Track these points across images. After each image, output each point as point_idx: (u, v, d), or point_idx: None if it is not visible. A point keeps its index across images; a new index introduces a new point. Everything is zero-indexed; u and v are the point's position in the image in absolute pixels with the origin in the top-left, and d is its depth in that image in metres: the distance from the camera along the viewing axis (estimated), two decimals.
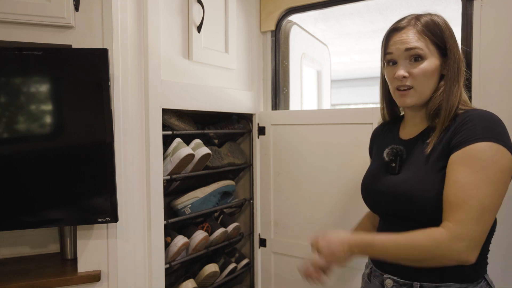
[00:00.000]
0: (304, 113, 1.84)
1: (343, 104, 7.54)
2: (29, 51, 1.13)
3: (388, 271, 0.99)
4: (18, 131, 1.13)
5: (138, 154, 1.31)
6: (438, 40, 0.94)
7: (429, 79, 0.94)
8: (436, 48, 0.94)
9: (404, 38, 0.95)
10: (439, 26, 0.95)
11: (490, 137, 0.84)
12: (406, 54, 0.95)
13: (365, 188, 1.08)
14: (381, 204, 1.02)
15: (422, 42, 0.93)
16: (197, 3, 1.51)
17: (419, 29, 0.94)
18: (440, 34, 0.94)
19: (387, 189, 0.98)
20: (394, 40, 0.97)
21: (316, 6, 1.73)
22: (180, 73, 1.48)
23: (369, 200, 1.07)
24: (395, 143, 1.03)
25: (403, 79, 0.95)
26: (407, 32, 0.95)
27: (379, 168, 1.04)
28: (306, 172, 1.74)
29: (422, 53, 0.93)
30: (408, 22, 0.96)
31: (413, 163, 0.95)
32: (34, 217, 1.16)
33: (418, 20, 0.96)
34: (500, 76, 1.33)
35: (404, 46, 0.94)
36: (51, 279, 1.17)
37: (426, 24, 0.95)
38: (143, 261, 1.33)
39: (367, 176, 1.09)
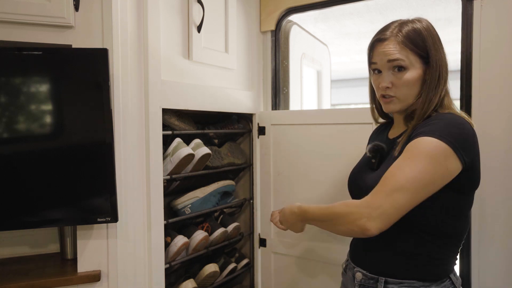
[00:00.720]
0: (304, 113, 1.84)
1: (343, 104, 7.54)
2: (29, 51, 1.13)
3: (358, 264, 1.05)
4: (18, 131, 1.13)
5: (138, 154, 1.31)
6: (420, 49, 0.97)
7: (411, 88, 0.98)
8: (418, 58, 0.97)
9: (387, 50, 0.98)
10: (421, 36, 0.97)
11: (437, 135, 0.88)
12: (389, 65, 0.98)
13: (349, 182, 1.14)
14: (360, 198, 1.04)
15: (404, 53, 0.96)
16: (197, 3, 1.51)
17: (400, 41, 0.97)
18: (422, 43, 0.97)
19: (364, 184, 1.03)
20: (378, 51, 1.00)
21: (316, 6, 1.73)
22: (180, 73, 1.48)
23: (351, 193, 1.13)
24: (383, 141, 1.08)
25: (387, 89, 1.00)
26: (389, 43, 0.98)
27: (363, 163, 1.11)
28: (306, 172, 1.74)
29: (404, 64, 0.96)
30: (391, 33, 0.99)
31: (387, 160, 1.00)
32: (34, 217, 1.16)
33: (400, 31, 0.98)
34: (500, 76, 1.33)
35: (387, 58, 0.98)
36: (51, 279, 1.17)
37: (408, 35, 0.97)
38: (143, 261, 1.33)
39: (353, 170, 1.15)
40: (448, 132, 0.89)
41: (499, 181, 1.33)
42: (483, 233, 1.37)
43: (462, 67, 1.41)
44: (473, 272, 1.39)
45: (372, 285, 0.99)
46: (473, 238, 1.39)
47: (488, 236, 1.36)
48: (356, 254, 1.08)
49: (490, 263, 1.35)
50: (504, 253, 1.34)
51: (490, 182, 1.33)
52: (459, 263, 1.44)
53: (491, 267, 1.35)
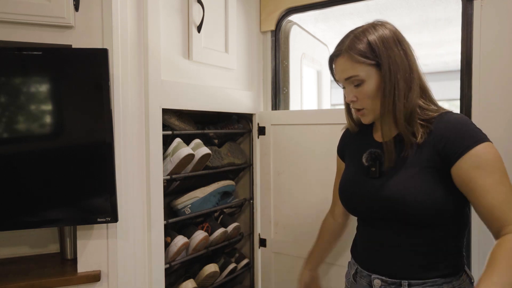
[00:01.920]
0: (304, 113, 1.84)
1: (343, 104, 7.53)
2: (29, 51, 1.13)
3: (376, 271, 1.02)
4: (18, 131, 1.13)
5: (138, 154, 1.31)
6: (371, 59, 0.96)
7: (374, 98, 0.98)
8: (372, 67, 0.97)
9: (341, 68, 1.00)
10: (370, 46, 0.96)
11: (480, 139, 0.90)
12: (347, 82, 1.00)
13: (346, 193, 1.09)
14: (365, 207, 1.03)
15: (357, 67, 0.97)
16: (197, 3, 1.51)
17: (351, 56, 0.97)
18: (372, 54, 0.96)
19: (371, 193, 1.00)
20: (335, 69, 1.03)
21: (316, 6, 1.73)
22: (180, 73, 1.48)
23: (351, 205, 1.09)
24: (371, 146, 1.05)
25: (353, 103, 1.02)
26: (342, 59, 0.99)
27: (357, 172, 1.07)
28: (306, 172, 1.74)
29: (360, 78, 0.97)
30: (340, 49, 1.00)
31: (394, 166, 0.98)
32: (34, 217, 1.16)
33: (350, 46, 0.98)
34: (501, 76, 1.33)
35: (343, 76, 1.00)
36: (51, 279, 1.17)
37: (358, 48, 0.97)
38: (143, 261, 1.33)
39: (346, 180, 1.11)
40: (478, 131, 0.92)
41: None
42: (483, 233, 1.37)
43: (462, 67, 1.41)
44: (473, 272, 1.39)
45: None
46: (473, 238, 1.39)
47: (489, 236, 1.36)
48: (370, 260, 1.04)
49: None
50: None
51: None
52: None
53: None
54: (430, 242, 0.96)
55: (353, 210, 1.10)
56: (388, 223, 0.99)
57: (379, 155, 1.01)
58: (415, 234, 0.96)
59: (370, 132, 1.11)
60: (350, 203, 1.09)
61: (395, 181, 0.96)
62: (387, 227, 0.99)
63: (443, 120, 0.95)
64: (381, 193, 0.97)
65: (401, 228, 0.97)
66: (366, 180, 1.02)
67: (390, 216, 0.97)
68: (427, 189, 0.92)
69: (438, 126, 0.94)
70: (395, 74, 0.95)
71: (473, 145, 0.89)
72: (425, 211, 0.92)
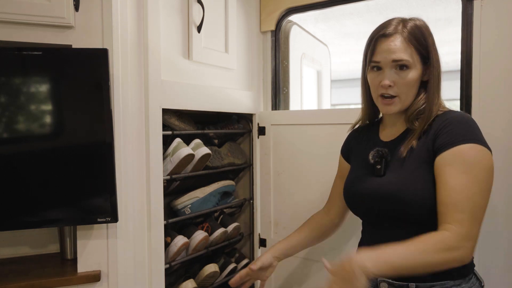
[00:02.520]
0: (303, 113, 1.84)
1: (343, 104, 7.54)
2: (29, 51, 1.13)
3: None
4: (18, 131, 1.13)
5: (138, 154, 1.31)
6: (423, 48, 0.97)
7: (412, 88, 0.98)
8: (419, 57, 0.97)
9: (392, 47, 0.96)
10: (423, 34, 0.97)
11: (471, 139, 0.89)
12: (393, 64, 0.96)
13: (349, 192, 1.09)
14: (366, 206, 1.03)
15: (408, 52, 0.95)
16: (197, 3, 1.51)
17: (406, 37, 0.95)
18: (425, 42, 0.97)
19: (373, 190, 1.00)
20: (381, 48, 0.97)
21: (316, 6, 1.73)
22: (180, 73, 1.48)
23: (353, 203, 1.09)
24: (377, 145, 1.05)
25: (388, 88, 0.98)
26: (395, 40, 0.96)
27: (362, 171, 1.06)
28: (306, 172, 1.74)
29: (408, 63, 0.96)
30: (395, 29, 0.97)
31: (396, 164, 0.98)
32: (34, 217, 1.16)
33: (405, 27, 0.97)
34: (501, 76, 1.33)
35: (392, 57, 0.96)
36: (51, 279, 1.16)
37: (412, 31, 0.96)
38: (143, 261, 1.33)
39: (350, 179, 1.10)
40: (476, 134, 0.91)
41: (499, 181, 1.33)
42: (483, 233, 1.37)
43: (462, 67, 1.41)
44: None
45: None
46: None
47: (489, 236, 1.36)
48: None
49: (491, 263, 1.35)
50: (505, 252, 1.34)
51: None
52: None
53: (491, 267, 1.35)
54: None
55: (356, 209, 1.09)
56: (392, 222, 0.98)
57: (386, 154, 1.01)
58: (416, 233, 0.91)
59: (376, 132, 1.11)
60: (353, 202, 1.08)
61: (395, 178, 0.96)
62: (392, 227, 0.98)
63: (444, 117, 0.96)
64: (381, 190, 0.97)
65: (406, 227, 0.95)
66: (371, 178, 1.02)
67: (392, 214, 0.97)
68: (426, 185, 0.92)
69: (438, 122, 0.95)
70: (438, 70, 0.97)
71: (458, 143, 0.89)
72: (424, 208, 0.92)
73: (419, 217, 0.94)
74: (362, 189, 1.03)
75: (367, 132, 1.15)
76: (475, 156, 0.88)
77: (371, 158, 1.03)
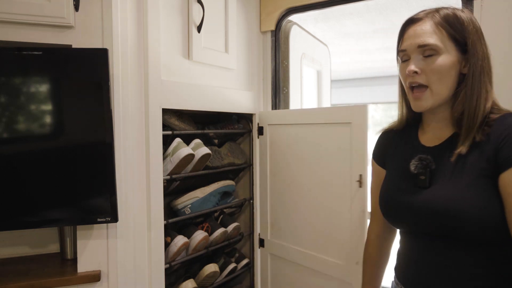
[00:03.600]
0: (294, 113, 1.79)
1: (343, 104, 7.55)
2: (29, 51, 1.13)
3: None
4: (18, 131, 1.13)
5: (138, 154, 1.31)
6: (458, 34, 0.85)
7: (444, 77, 0.85)
8: (454, 43, 0.85)
9: (418, 32, 0.86)
10: (459, 19, 0.85)
11: None
12: (419, 50, 0.86)
13: (389, 203, 0.96)
14: (414, 222, 0.91)
15: (438, 36, 0.85)
16: (197, 3, 1.51)
17: (436, 21, 0.85)
18: (460, 27, 0.85)
19: (421, 205, 0.88)
20: (408, 34, 0.89)
21: (316, 6, 1.73)
22: (180, 73, 1.48)
23: (395, 217, 0.96)
24: (418, 151, 0.94)
25: (415, 75, 0.87)
26: (422, 24, 0.86)
27: (403, 180, 0.94)
28: (298, 173, 1.72)
29: (437, 48, 0.85)
30: (426, 14, 0.88)
31: (446, 175, 0.86)
32: (34, 217, 1.16)
33: (437, 12, 0.87)
34: (500, 76, 1.33)
35: (417, 42, 0.86)
36: (51, 279, 1.17)
37: (446, 16, 0.86)
38: (143, 261, 1.33)
39: (389, 189, 0.98)
40: None
41: None
42: None
43: None
44: None
45: None
46: None
47: None
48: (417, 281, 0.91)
49: None
50: None
51: None
52: None
53: None
54: (489, 262, 0.82)
55: (398, 223, 0.97)
56: (440, 238, 0.87)
57: (430, 163, 0.90)
58: (471, 252, 0.83)
59: (415, 135, 0.98)
60: (394, 215, 0.95)
61: (449, 192, 0.84)
62: (437, 242, 0.87)
63: (505, 122, 0.82)
64: (432, 205, 0.85)
65: (454, 244, 0.84)
66: (414, 189, 0.90)
67: (443, 231, 0.85)
68: (485, 202, 0.80)
69: (498, 129, 0.82)
70: (483, 61, 0.85)
71: None
72: (482, 227, 0.80)
73: (480, 237, 0.82)
74: (407, 201, 0.91)
75: (404, 135, 1.01)
76: None
77: (414, 168, 0.91)
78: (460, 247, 0.84)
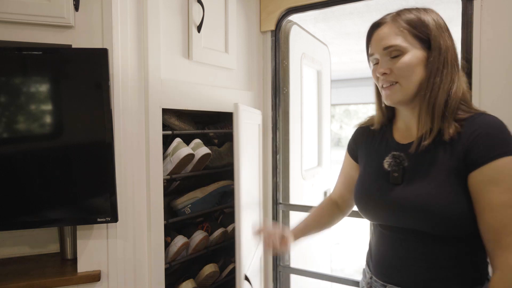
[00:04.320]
0: None
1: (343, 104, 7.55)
2: (29, 51, 1.13)
3: (392, 282, 0.95)
4: (18, 131, 1.13)
5: (138, 154, 1.31)
6: (420, 32, 0.90)
7: (412, 73, 0.90)
8: (417, 41, 0.90)
9: (382, 35, 0.92)
10: (421, 19, 0.91)
11: (508, 151, 0.82)
12: (386, 52, 0.92)
13: (365, 199, 1.00)
14: (387, 217, 0.95)
15: (401, 36, 0.90)
16: (197, 3, 1.51)
17: (397, 23, 0.91)
18: (421, 25, 0.90)
19: (394, 201, 0.92)
20: (374, 39, 0.95)
21: (316, 6, 1.73)
22: (180, 73, 1.48)
23: (369, 212, 1.00)
24: (392, 148, 0.97)
25: (385, 76, 0.93)
26: (386, 27, 0.92)
27: (376, 176, 0.98)
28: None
29: (401, 48, 0.90)
30: (388, 17, 0.93)
31: (418, 172, 0.91)
32: (34, 217, 1.16)
33: (398, 15, 0.92)
34: (500, 76, 1.33)
35: (382, 45, 0.92)
36: (51, 279, 1.17)
37: (406, 16, 0.91)
38: (143, 261, 1.33)
39: (363, 184, 1.02)
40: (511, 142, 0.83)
41: None
42: None
43: (462, 67, 1.41)
44: None
45: None
46: None
47: None
48: (388, 271, 0.96)
49: None
50: None
51: None
52: None
53: None
54: (454, 254, 0.88)
55: (371, 217, 1.01)
56: (410, 232, 0.91)
57: (403, 160, 0.93)
58: (439, 246, 0.88)
59: (390, 132, 1.03)
60: (368, 210, 0.99)
61: (420, 189, 0.88)
62: (409, 237, 0.91)
63: (475, 122, 0.86)
64: (404, 202, 0.89)
65: (424, 238, 0.89)
66: (388, 186, 0.94)
67: (414, 226, 0.90)
68: (454, 199, 0.85)
69: (469, 128, 0.86)
70: (445, 55, 0.89)
71: (497, 157, 0.81)
72: (451, 223, 0.85)
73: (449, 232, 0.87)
74: (380, 198, 0.95)
75: (380, 132, 1.05)
76: None
77: (387, 166, 0.95)
78: (431, 241, 0.89)
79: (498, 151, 0.82)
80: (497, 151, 0.82)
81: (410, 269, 0.92)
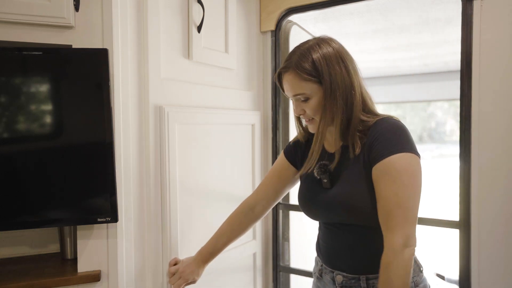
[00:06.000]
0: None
1: None
2: (29, 51, 1.13)
3: (337, 268, 1.12)
4: (18, 131, 1.13)
5: (138, 154, 1.31)
6: (315, 76, 1.03)
7: (320, 110, 1.05)
8: (314, 81, 1.03)
9: (287, 86, 1.07)
10: (314, 64, 1.02)
11: (399, 149, 0.98)
12: (296, 98, 1.07)
13: (307, 203, 1.16)
14: (323, 215, 1.13)
15: (302, 84, 1.04)
16: (197, 3, 1.51)
17: (295, 70, 1.04)
18: (310, 66, 1.03)
19: (326, 203, 1.09)
20: (284, 85, 1.09)
21: (316, 6, 1.73)
22: (180, 73, 1.48)
23: (311, 213, 1.17)
24: (323, 157, 1.12)
25: (302, 115, 1.10)
26: (289, 75, 1.05)
27: (312, 183, 1.14)
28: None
29: (306, 95, 1.05)
30: (288, 67, 1.05)
31: (342, 176, 1.07)
32: (34, 217, 1.16)
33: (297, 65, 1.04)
34: (501, 76, 1.33)
35: (291, 94, 1.07)
36: (51, 279, 1.17)
37: (303, 67, 1.03)
38: (143, 261, 1.33)
39: (304, 191, 1.18)
40: (405, 141, 0.99)
41: (499, 182, 1.34)
42: (482, 234, 1.37)
43: (462, 67, 1.41)
44: (473, 273, 1.39)
45: (354, 284, 1.08)
46: (473, 238, 1.39)
47: (488, 236, 1.36)
48: (332, 259, 1.14)
49: (490, 264, 1.35)
50: (504, 254, 1.34)
51: (491, 183, 1.33)
52: (459, 263, 1.44)
53: (491, 268, 1.35)
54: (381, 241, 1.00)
55: (312, 216, 1.18)
56: (344, 226, 1.09)
57: (329, 167, 1.09)
58: (366, 235, 1.06)
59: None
60: (309, 211, 1.16)
61: (343, 191, 1.06)
62: (344, 229, 1.09)
63: (376, 128, 1.03)
64: (332, 202, 1.07)
65: (353, 230, 1.07)
66: (321, 190, 1.11)
67: (343, 220, 1.08)
68: (368, 195, 1.02)
69: (371, 134, 1.03)
70: (334, 92, 1.03)
71: (388, 154, 0.98)
72: (369, 215, 1.02)
73: (366, 223, 1.04)
74: (317, 201, 1.12)
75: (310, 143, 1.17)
76: (401, 165, 0.97)
77: (316, 174, 1.10)
78: (359, 232, 1.07)
79: (389, 150, 0.98)
80: (388, 149, 0.98)
81: (347, 256, 1.09)
